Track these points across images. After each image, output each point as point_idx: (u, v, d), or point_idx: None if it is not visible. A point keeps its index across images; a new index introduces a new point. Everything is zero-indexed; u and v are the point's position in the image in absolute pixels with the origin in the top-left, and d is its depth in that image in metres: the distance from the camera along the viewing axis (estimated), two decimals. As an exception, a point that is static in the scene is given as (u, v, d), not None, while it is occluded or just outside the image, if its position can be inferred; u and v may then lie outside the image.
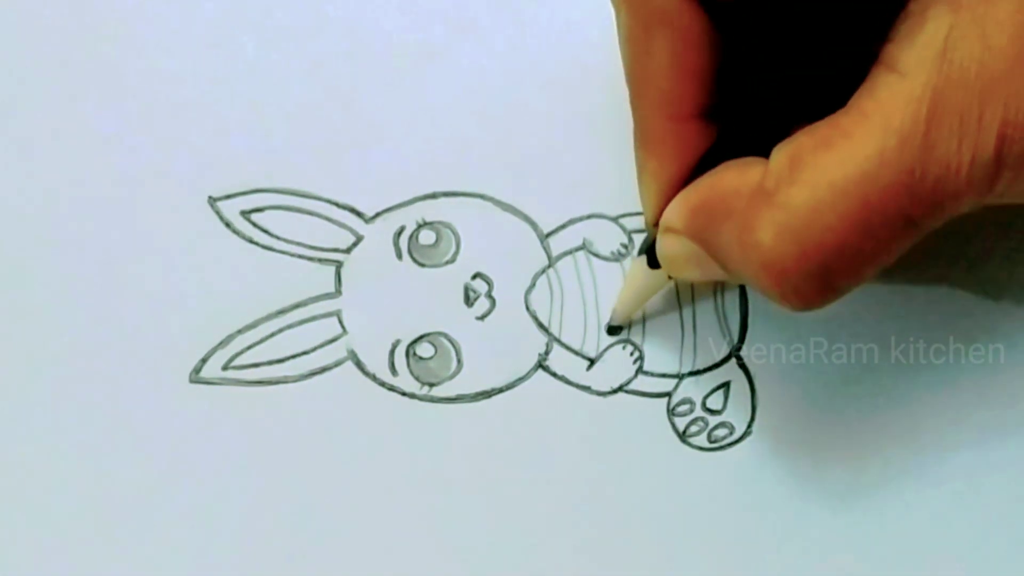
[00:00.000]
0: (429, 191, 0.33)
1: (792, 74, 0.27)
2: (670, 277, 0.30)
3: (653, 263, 0.29)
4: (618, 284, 0.32)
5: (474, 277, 0.32)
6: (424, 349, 0.32)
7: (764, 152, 0.26)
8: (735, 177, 0.26)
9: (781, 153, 0.25)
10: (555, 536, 0.30)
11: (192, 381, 0.31)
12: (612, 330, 0.32)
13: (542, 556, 0.30)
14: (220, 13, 0.34)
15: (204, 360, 0.31)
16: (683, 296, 0.32)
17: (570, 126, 0.33)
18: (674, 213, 0.28)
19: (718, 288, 0.32)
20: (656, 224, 0.29)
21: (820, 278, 0.25)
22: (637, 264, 0.31)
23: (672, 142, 0.28)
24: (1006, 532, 0.31)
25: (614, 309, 0.32)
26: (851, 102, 0.25)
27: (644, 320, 0.32)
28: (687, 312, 0.32)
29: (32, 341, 0.31)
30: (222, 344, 0.31)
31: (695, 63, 0.27)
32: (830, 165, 0.24)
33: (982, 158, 0.24)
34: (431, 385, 0.31)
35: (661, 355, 0.32)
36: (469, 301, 0.32)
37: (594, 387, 0.31)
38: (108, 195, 0.33)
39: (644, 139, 0.29)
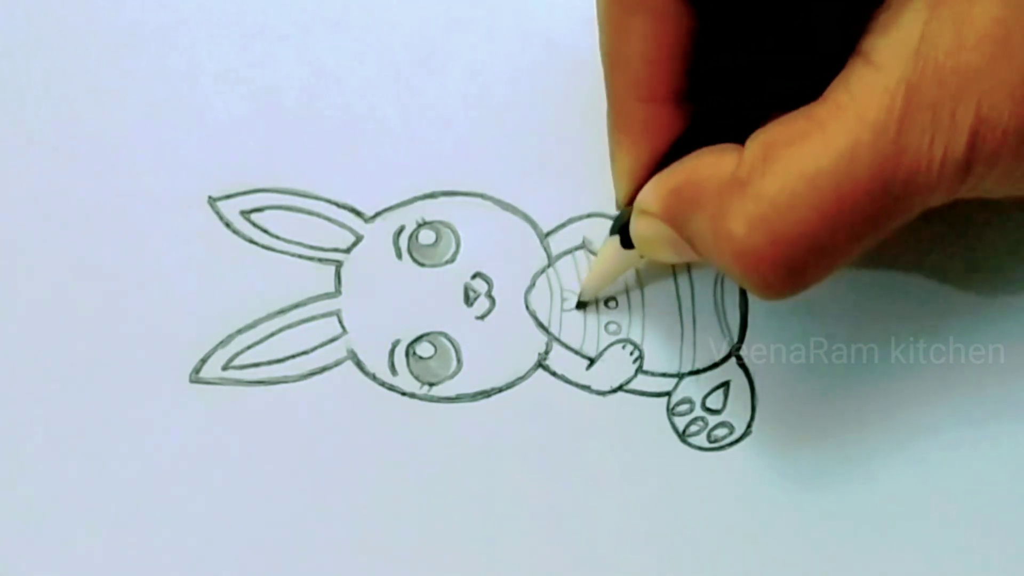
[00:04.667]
0: (429, 190, 0.33)
1: (769, 60, 0.27)
2: (642, 256, 0.30)
3: (627, 243, 0.29)
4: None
5: (474, 277, 0.32)
6: (424, 349, 0.32)
7: (739, 138, 0.26)
8: (710, 164, 0.26)
9: (755, 142, 0.25)
10: (555, 536, 0.30)
11: (192, 381, 0.31)
12: (580, 305, 0.32)
13: (542, 556, 0.30)
14: (219, 13, 0.34)
15: (204, 360, 0.31)
16: (683, 295, 0.32)
17: (570, 126, 0.33)
18: (649, 196, 0.28)
19: (718, 287, 0.32)
20: (627, 204, 0.29)
21: (790, 269, 0.25)
22: (610, 243, 0.31)
23: (645, 124, 0.28)
24: (1006, 532, 0.30)
25: (583, 285, 0.32)
26: (826, 93, 0.25)
27: (644, 319, 0.32)
28: (687, 311, 0.32)
29: (32, 341, 0.31)
30: (222, 344, 0.32)
31: (671, 45, 0.27)
32: (804, 157, 0.24)
33: (954, 155, 0.24)
34: (431, 385, 0.31)
35: (661, 354, 0.32)
36: (469, 301, 0.32)
37: (594, 386, 0.31)
38: (108, 195, 0.33)
39: (617, 120, 0.29)
